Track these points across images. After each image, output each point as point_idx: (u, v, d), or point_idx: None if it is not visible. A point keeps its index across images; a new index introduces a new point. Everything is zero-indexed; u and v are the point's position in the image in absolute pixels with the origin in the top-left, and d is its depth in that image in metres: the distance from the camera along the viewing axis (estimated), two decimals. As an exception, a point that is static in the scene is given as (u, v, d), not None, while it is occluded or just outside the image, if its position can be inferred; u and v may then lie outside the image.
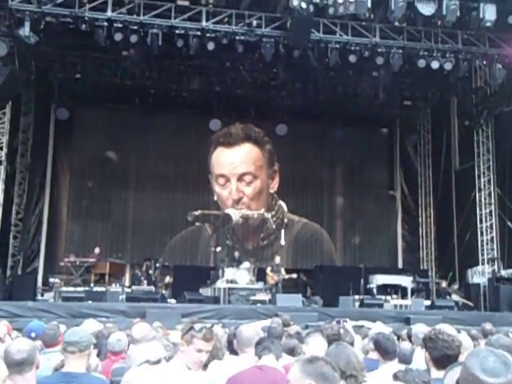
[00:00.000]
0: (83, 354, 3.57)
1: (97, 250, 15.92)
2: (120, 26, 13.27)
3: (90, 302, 12.92)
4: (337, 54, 14.16)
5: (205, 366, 3.59)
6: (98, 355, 4.91)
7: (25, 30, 12.61)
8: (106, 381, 3.71)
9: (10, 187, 16.49)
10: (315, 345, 4.27)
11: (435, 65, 14.38)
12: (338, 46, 14.08)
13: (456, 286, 16.59)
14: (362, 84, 17.49)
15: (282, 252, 18.06)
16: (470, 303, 15.78)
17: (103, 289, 14.36)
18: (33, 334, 5.45)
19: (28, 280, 16.51)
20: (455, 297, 15.84)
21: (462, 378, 1.93)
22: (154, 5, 13.37)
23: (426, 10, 12.78)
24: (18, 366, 3.00)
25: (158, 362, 2.75)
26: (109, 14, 13.10)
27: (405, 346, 5.10)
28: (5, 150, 15.27)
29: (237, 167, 18.78)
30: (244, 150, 18.98)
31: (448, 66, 14.47)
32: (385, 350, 4.26)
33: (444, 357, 3.47)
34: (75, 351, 3.54)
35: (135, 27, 13.35)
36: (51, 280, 15.48)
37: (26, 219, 17.56)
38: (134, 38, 13.47)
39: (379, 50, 14.22)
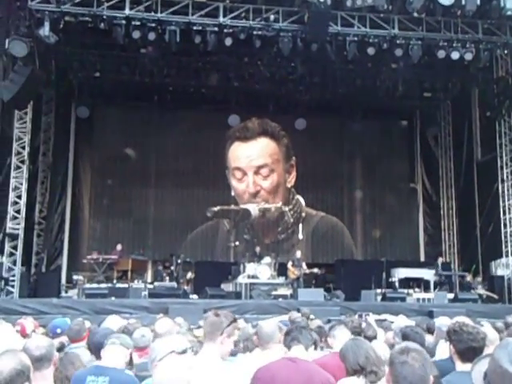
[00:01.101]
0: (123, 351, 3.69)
1: (119, 247, 16.06)
2: (138, 23, 13.33)
3: (113, 298, 13.06)
4: (355, 46, 14.06)
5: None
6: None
7: (44, 30, 12.72)
8: (133, 377, 3.76)
9: (33, 186, 16.68)
10: (342, 337, 4.27)
11: (455, 55, 14.21)
12: (356, 38, 13.98)
13: (480, 279, 16.43)
14: (381, 76, 17.34)
15: (301, 246, 18.05)
16: (495, 296, 15.60)
17: (126, 285, 14.49)
18: (58, 330, 5.54)
19: (52, 277, 16.75)
20: (479, 289, 15.68)
21: (490, 370, 1.92)
22: (171, 2, 13.40)
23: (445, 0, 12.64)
24: (36, 362, 3.04)
25: (184, 352, 2.77)
26: (127, 12, 13.17)
27: (427, 339, 5.08)
28: (27, 149, 15.41)
29: (253, 160, 18.79)
30: (260, 143, 18.98)
31: (468, 57, 14.29)
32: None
33: (469, 349, 3.44)
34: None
35: (153, 24, 13.41)
36: (75, 277, 15.68)
37: (49, 217, 17.78)
38: (152, 36, 13.53)
39: (398, 41, 14.09)
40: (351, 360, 3.55)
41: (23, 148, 15.32)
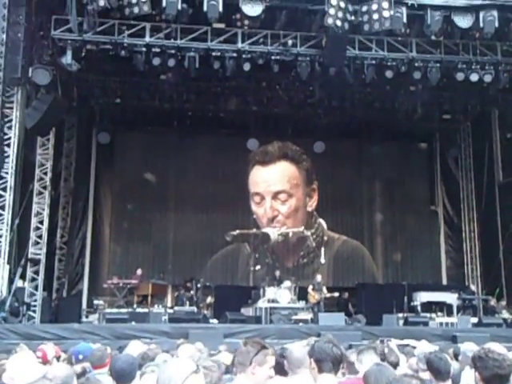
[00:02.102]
0: None
1: (139, 272, 16.09)
2: (158, 50, 13.55)
3: (133, 323, 13.03)
4: (373, 70, 14.12)
5: None
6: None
7: (67, 59, 13.02)
8: None
9: (55, 211, 16.87)
10: (369, 362, 4.20)
11: (474, 77, 14.19)
12: (374, 62, 14.05)
13: (504, 303, 16.13)
14: (399, 99, 17.33)
15: (322, 270, 17.92)
16: (520, 320, 15.28)
17: (146, 310, 14.47)
18: (80, 356, 5.53)
19: (73, 302, 16.83)
20: (504, 314, 15.38)
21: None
22: (190, 29, 13.59)
23: (463, 22, 12.67)
24: None
25: (198, 371, 2.74)
26: (147, 39, 13.41)
27: (453, 365, 4.98)
28: (49, 175, 15.64)
29: (271, 185, 18.81)
30: (279, 168, 19.01)
31: (488, 79, 14.25)
32: (437, 370, 4.12)
33: (495, 376, 3.36)
34: None
35: (173, 51, 13.61)
36: (95, 302, 15.70)
37: (71, 242, 17.93)
38: (171, 62, 13.73)
39: (416, 64, 14.13)
40: None
41: (45, 174, 15.55)
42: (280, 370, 4.09)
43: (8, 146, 13.16)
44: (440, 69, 14.15)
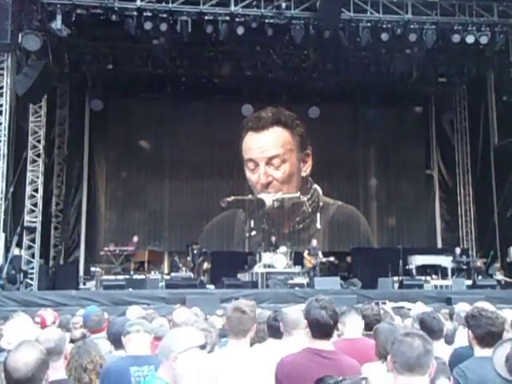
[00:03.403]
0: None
1: (135, 239, 16.15)
2: (149, 14, 13.32)
3: (130, 289, 13.15)
4: (368, 32, 13.94)
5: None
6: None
7: (57, 24, 12.77)
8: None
9: (49, 179, 16.82)
10: (353, 324, 4.24)
11: (470, 39, 14.03)
12: (369, 24, 13.87)
13: (498, 265, 16.29)
14: (394, 62, 17.11)
15: (318, 235, 18.01)
16: (513, 281, 15.47)
17: (143, 276, 14.60)
18: (89, 320, 5.57)
19: (70, 270, 16.95)
20: (498, 275, 15.55)
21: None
22: (182, -9, 13.36)
23: (460, -18, 12.46)
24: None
25: (204, 347, 2.74)
26: (138, 3, 13.15)
27: (447, 325, 5.03)
28: (42, 143, 15.54)
29: (265, 151, 18.75)
30: (273, 133, 18.91)
31: (484, 40, 14.10)
32: (430, 328, 4.15)
33: (488, 334, 3.40)
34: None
35: (164, 15, 13.38)
36: (92, 269, 15.80)
37: (66, 210, 17.94)
38: (163, 27, 13.51)
39: (412, 26, 13.96)
40: (380, 344, 3.54)
41: (38, 142, 15.44)
42: (273, 332, 4.13)
43: (0, 113, 13.01)
44: (436, 31, 13.98)
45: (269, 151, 18.72)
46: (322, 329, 3.30)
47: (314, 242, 16.01)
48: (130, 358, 3.77)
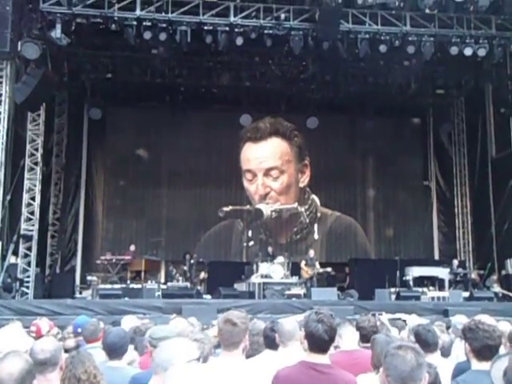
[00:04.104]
0: None
1: (132, 248, 16.12)
2: (149, 24, 13.36)
3: (126, 298, 13.09)
4: (367, 44, 13.99)
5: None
6: (135, 350, 4.96)
7: (56, 32, 12.81)
8: None
9: (47, 188, 16.79)
10: (349, 335, 4.23)
11: (468, 52, 14.09)
12: (367, 36, 13.92)
13: (495, 277, 16.26)
14: (393, 74, 17.18)
15: (315, 246, 17.99)
16: (511, 294, 15.43)
17: (139, 286, 14.53)
18: (79, 330, 5.54)
19: (66, 278, 16.86)
20: (495, 288, 15.52)
21: (510, 367, 1.88)
22: (182, 2, 13.42)
23: (458, -5, 12.54)
24: (40, 365, 3.02)
25: (198, 359, 2.72)
26: (138, 12, 13.21)
27: (443, 337, 5.02)
28: (40, 151, 15.53)
29: (263, 162, 18.74)
30: (271, 144, 18.91)
31: (482, 53, 14.16)
32: (425, 342, 4.14)
33: (485, 347, 3.38)
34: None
35: (164, 25, 13.43)
36: (89, 278, 15.75)
37: (63, 219, 17.90)
38: (163, 36, 13.54)
39: (410, 38, 14.01)
40: (375, 355, 3.53)
41: (36, 150, 15.44)
42: (270, 343, 4.10)
43: (-2, 121, 13.02)
44: (434, 43, 14.04)
45: (267, 162, 18.72)
46: (316, 342, 3.28)
47: (312, 253, 15.99)
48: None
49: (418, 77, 17.39)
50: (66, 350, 4.86)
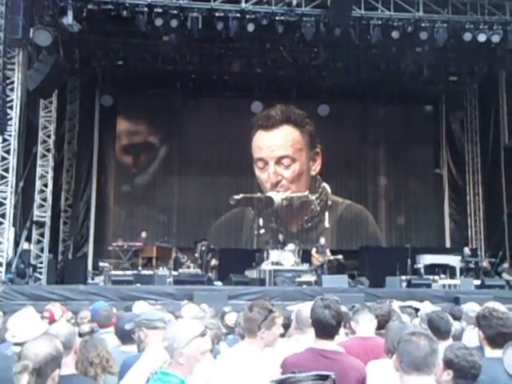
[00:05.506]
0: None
1: (143, 235, 16.20)
2: (160, 10, 13.30)
3: (138, 284, 13.17)
4: (379, 30, 13.86)
5: None
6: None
7: (68, 19, 12.79)
8: None
9: (59, 174, 16.89)
10: (366, 322, 4.22)
11: (482, 38, 13.92)
12: (380, 22, 13.79)
13: (506, 265, 16.20)
14: (405, 60, 17.03)
15: (326, 234, 17.97)
16: (522, 282, 15.37)
17: (151, 272, 14.61)
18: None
19: (79, 264, 17.01)
20: (506, 275, 15.47)
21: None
22: (193, -12, 13.35)
23: (472, -20, 12.38)
24: None
25: (205, 333, 2.77)
26: (149, -1, 13.16)
27: (455, 325, 5.01)
28: (52, 137, 15.62)
29: (275, 150, 18.70)
30: (283, 132, 18.85)
31: (495, 39, 13.99)
32: (437, 328, 4.13)
33: (499, 335, 3.38)
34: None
35: (175, 11, 13.36)
36: (101, 264, 15.85)
37: (75, 205, 18.01)
38: (174, 23, 13.49)
39: (423, 24, 13.86)
40: (389, 340, 3.54)
41: (49, 137, 15.52)
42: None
43: (10, 108, 13.04)
44: (447, 29, 13.89)
45: (279, 151, 18.68)
46: (324, 328, 3.29)
47: (322, 240, 15.99)
48: None
49: (431, 63, 17.21)
50: (81, 335, 4.92)
